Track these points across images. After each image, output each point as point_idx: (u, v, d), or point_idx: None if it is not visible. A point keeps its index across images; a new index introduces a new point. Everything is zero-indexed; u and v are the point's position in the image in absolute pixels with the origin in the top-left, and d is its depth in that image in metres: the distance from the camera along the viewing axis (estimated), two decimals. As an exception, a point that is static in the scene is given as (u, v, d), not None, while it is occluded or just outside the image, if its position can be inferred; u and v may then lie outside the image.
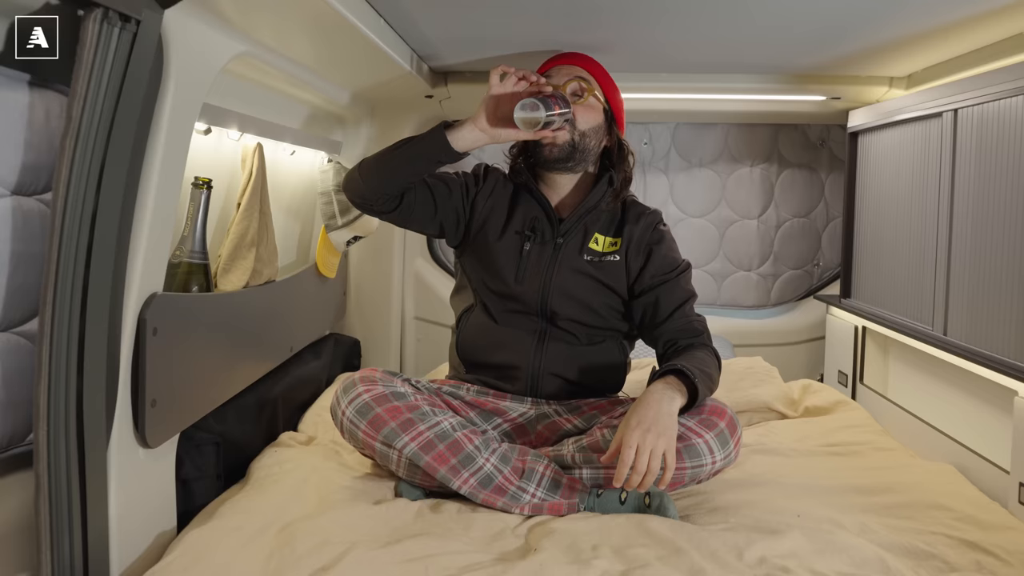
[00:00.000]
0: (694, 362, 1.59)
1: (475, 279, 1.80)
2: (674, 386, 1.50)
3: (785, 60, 2.13)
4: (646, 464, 1.38)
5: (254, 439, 1.78)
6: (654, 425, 1.41)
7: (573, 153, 1.71)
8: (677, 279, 1.74)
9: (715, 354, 1.69)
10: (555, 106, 1.56)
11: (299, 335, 2.14)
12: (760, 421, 2.19)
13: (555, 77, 1.73)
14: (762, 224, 2.89)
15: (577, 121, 1.69)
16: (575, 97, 1.71)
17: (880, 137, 2.29)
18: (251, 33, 1.48)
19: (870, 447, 1.93)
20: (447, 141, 1.58)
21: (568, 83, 1.70)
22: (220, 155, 1.72)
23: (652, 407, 1.44)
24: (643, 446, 1.38)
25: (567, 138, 1.69)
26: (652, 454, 1.38)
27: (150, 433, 1.30)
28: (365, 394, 1.55)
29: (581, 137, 1.71)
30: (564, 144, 1.69)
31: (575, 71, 1.74)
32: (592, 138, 1.73)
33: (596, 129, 1.73)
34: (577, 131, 1.70)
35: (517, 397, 1.75)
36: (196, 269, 1.53)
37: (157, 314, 1.29)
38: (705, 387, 1.55)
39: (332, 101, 2.18)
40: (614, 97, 1.78)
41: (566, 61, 1.76)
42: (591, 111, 1.72)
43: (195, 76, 1.31)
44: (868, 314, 2.30)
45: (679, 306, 1.71)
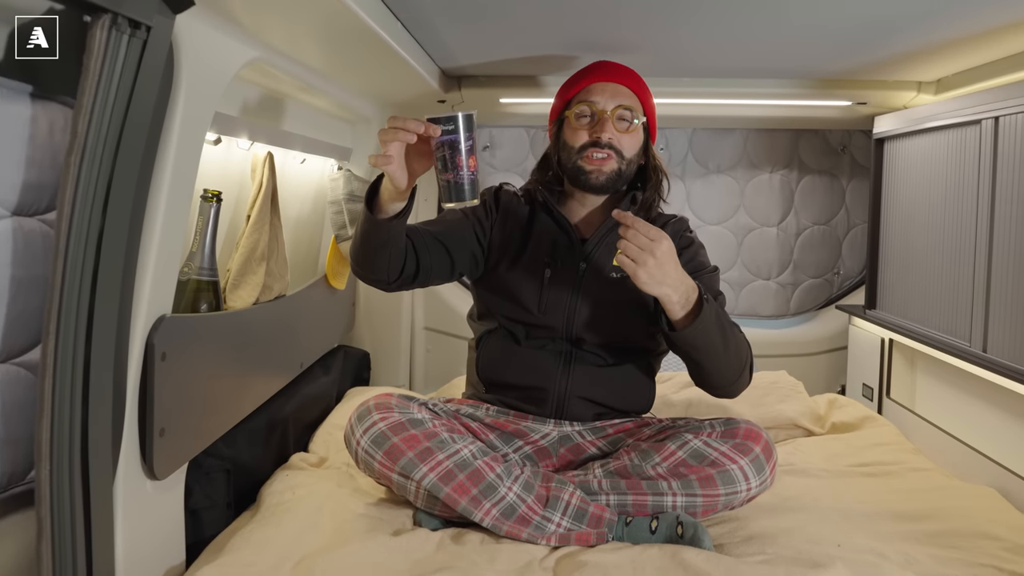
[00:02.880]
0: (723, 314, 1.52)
1: (494, 307, 1.71)
2: (694, 289, 1.44)
3: (813, 65, 2.06)
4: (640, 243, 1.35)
5: (264, 462, 1.70)
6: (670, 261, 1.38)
7: (619, 181, 1.64)
8: (704, 280, 1.65)
9: (749, 350, 1.57)
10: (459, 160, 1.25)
11: (309, 350, 2.06)
12: (786, 438, 2.12)
13: (597, 98, 1.62)
14: (782, 232, 2.81)
15: (624, 150, 1.62)
16: (623, 123, 1.62)
17: (909, 144, 2.22)
18: (263, 38, 1.40)
19: (904, 467, 1.86)
20: (376, 223, 1.39)
21: (615, 111, 1.61)
22: (229, 165, 1.64)
23: (678, 261, 1.41)
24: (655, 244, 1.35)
25: (615, 167, 1.62)
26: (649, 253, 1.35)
27: (158, 464, 1.22)
28: (381, 423, 1.47)
29: (628, 165, 1.64)
30: (611, 172, 1.62)
31: (620, 93, 1.63)
32: (635, 160, 1.66)
33: (639, 152, 1.67)
34: (624, 160, 1.63)
35: (539, 418, 1.67)
36: (205, 286, 1.45)
37: (166, 338, 1.22)
38: (712, 322, 1.44)
39: (342, 106, 2.10)
40: (649, 107, 1.70)
41: (609, 78, 1.65)
42: (635, 136, 1.64)
43: (207, 84, 1.24)
44: (896, 326, 2.22)
45: None
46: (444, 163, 1.26)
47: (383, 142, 1.27)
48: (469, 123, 1.26)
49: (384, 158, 1.27)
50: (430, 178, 2.80)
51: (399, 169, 1.29)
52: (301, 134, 1.88)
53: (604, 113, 1.60)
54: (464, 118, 1.25)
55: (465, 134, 1.25)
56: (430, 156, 1.29)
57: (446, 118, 1.24)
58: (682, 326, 1.43)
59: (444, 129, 1.25)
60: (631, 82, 1.65)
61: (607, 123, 1.60)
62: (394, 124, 1.26)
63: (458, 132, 1.25)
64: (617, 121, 1.61)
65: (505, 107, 2.43)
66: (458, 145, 1.25)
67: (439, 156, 1.26)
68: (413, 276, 1.56)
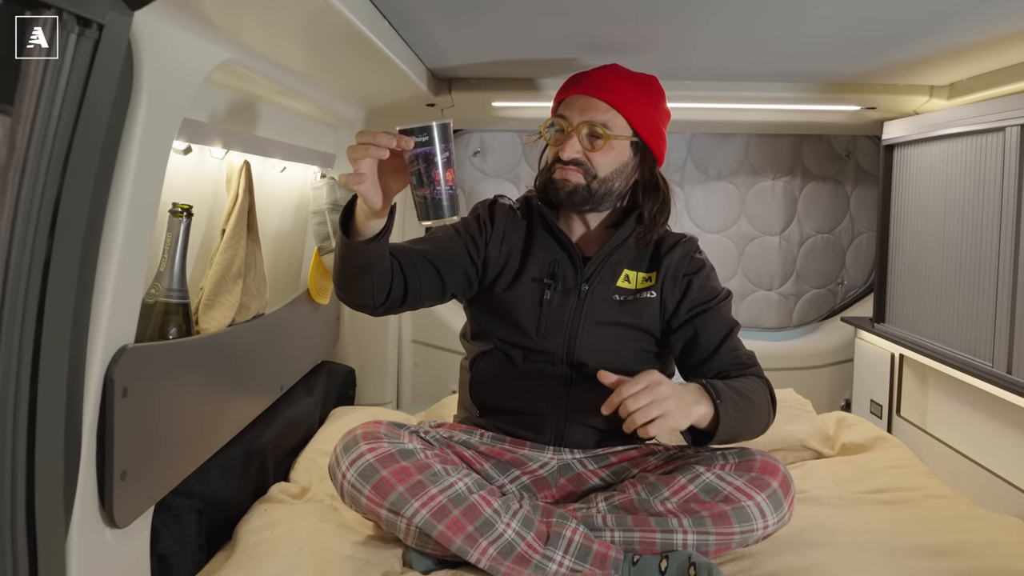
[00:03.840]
0: (733, 384, 1.41)
1: (489, 329, 1.59)
2: (703, 396, 1.34)
3: (821, 68, 1.96)
4: (642, 403, 1.23)
5: (241, 495, 1.58)
6: (674, 392, 1.27)
7: (589, 197, 1.51)
8: (716, 308, 1.55)
9: (767, 386, 1.50)
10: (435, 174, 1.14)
11: (290, 371, 1.94)
12: (795, 461, 2.01)
13: (567, 112, 1.50)
14: (784, 240, 2.71)
15: (595, 167, 1.49)
16: (594, 140, 1.49)
17: (921, 151, 2.12)
18: (238, 38, 1.28)
19: (921, 494, 1.76)
20: (354, 247, 1.28)
21: (581, 126, 1.48)
22: (202, 176, 1.52)
23: (681, 387, 1.32)
24: (650, 392, 1.24)
25: (580, 181, 1.49)
26: (653, 404, 1.23)
27: (119, 510, 1.10)
28: (369, 454, 1.35)
29: (600, 183, 1.50)
30: (578, 186, 1.50)
31: (591, 108, 1.49)
32: (615, 180, 1.52)
33: (619, 170, 1.52)
34: (596, 178, 1.50)
35: (537, 445, 1.56)
36: (174, 309, 1.33)
37: (127, 371, 1.09)
38: (733, 414, 1.35)
39: (325, 110, 1.98)
40: (649, 123, 1.53)
41: (583, 91, 1.51)
42: (610, 154, 1.50)
43: (173, 89, 1.11)
44: (907, 342, 2.13)
45: (723, 338, 1.53)
46: (419, 178, 1.14)
47: (353, 160, 1.16)
48: (445, 133, 1.14)
49: (355, 177, 1.15)
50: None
51: (372, 188, 1.18)
52: (280, 140, 1.76)
53: (570, 128, 1.49)
54: (439, 128, 1.14)
55: (441, 145, 1.14)
56: (405, 171, 1.17)
57: (419, 128, 1.13)
58: (709, 428, 1.36)
59: (417, 141, 1.13)
60: (612, 96, 1.49)
61: (571, 139, 1.48)
62: (363, 140, 1.14)
63: (433, 144, 1.13)
64: (585, 138, 1.49)
65: (497, 111, 2.32)
66: (433, 158, 1.13)
67: (413, 171, 1.15)
68: (401, 299, 1.45)
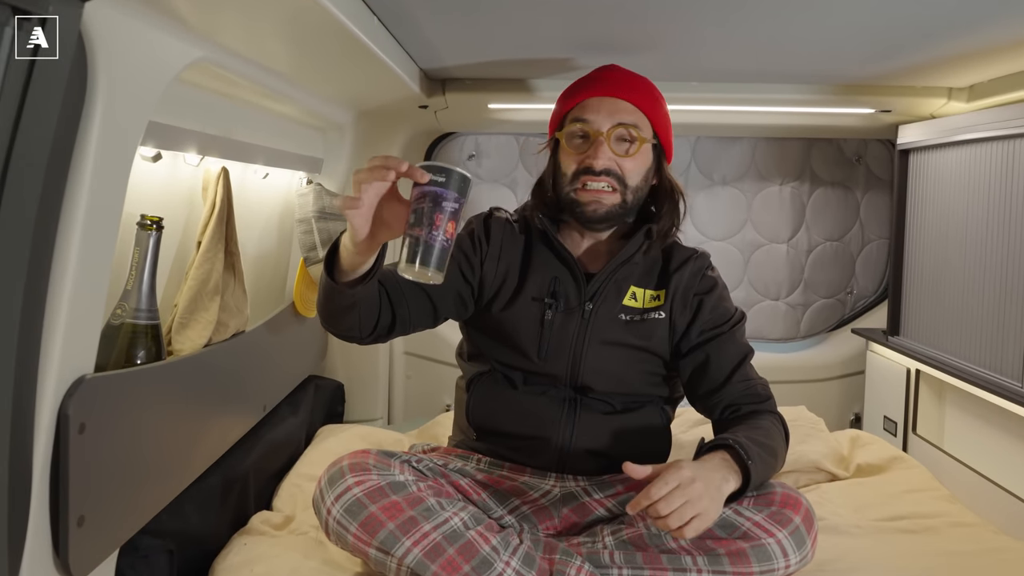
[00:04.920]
0: (756, 435, 1.32)
1: (487, 350, 1.49)
2: (728, 465, 1.25)
3: (836, 69, 1.86)
4: (676, 505, 1.12)
5: (219, 527, 1.46)
6: (706, 485, 1.16)
7: (624, 214, 1.42)
8: (730, 333, 1.45)
9: (782, 424, 1.41)
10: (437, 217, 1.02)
11: (274, 390, 1.82)
12: (808, 483, 1.90)
13: (592, 116, 1.39)
14: (792, 248, 2.61)
15: (626, 176, 1.39)
16: (625, 144, 1.39)
17: (940, 156, 2.02)
18: (212, 35, 1.17)
19: (945, 521, 1.65)
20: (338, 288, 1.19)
21: (612, 131, 1.37)
22: (175, 185, 1.40)
23: (707, 470, 1.20)
24: (683, 491, 1.13)
25: (616, 200, 1.39)
26: (688, 504, 1.13)
27: (76, 559, 0.98)
28: (356, 487, 1.24)
29: (633, 193, 1.41)
30: (612, 206, 1.40)
31: (619, 110, 1.39)
32: (643, 188, 1.43)
33: (646, 176, 1.44)
34: (628, 189, 1.40)
35: (538, 472, 1.45)
36: (142, 331, 1.21)
37: (85, 404, 0.98)
38: (763, 472, 1.28)
39: (311, 112, 1.87)
40: (664, 122, 1.45)
41: (607, 92, 1.41)
42: (640, 160, 1.41)
43: (136, 89, 1.00)
44: (925, 357, 2.03)
45: (736, 366, 1.43)
46: (419, 216, 1.02)
47: (357, 183, 1.05)
48: (463, 184, 1.04)
49: (352, 201, 1.04)
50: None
51: (365, 219, 1.07)
52: (262, 145, 1.64)
53: (599, 134, 1.37)
54: (459, 176, 1.04)
55: (454, 193, 1.03)
56: (406, 215, 1.05)
57: (439, 168, 1.03)
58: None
59: (433, 178, 1.03)
60: (636, 96, 1.41)
61: (602, 146, 1.37)
62: (375, 163, 1.04)
63: (448, 187, 1.02)
64: (615, 143, 1.38)
65: (494, 113, 2.21)
66: (442, 201, 1.02)
67: (416, 208, 1.03)
68: (389, 328, 1.36)
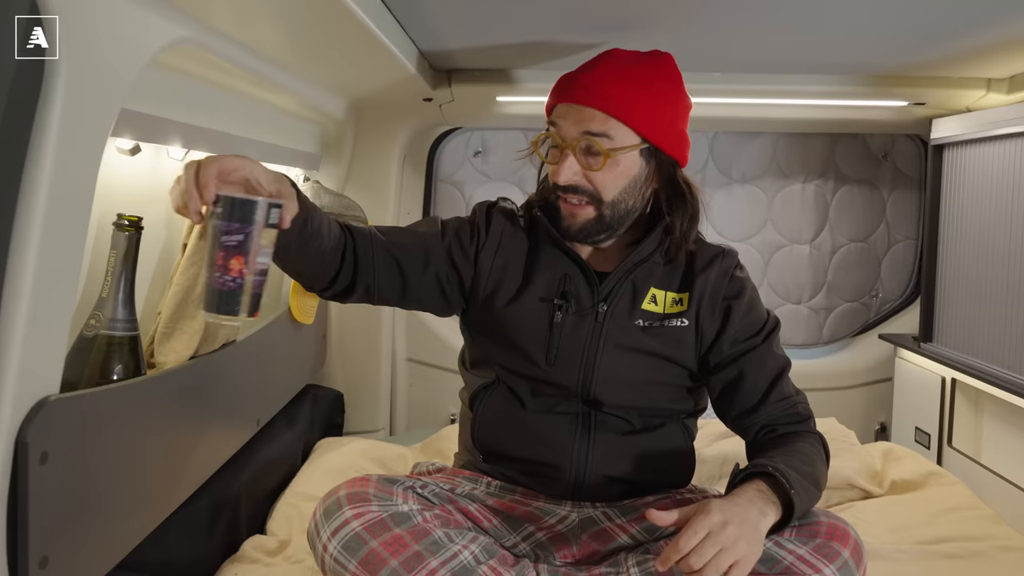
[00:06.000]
0: (796, 461, 1.18)
1: (490, 355, 1.36)
2: (766, 496, 1.11)
3: (868, 58, 1.75)
4: (708, 556, 1.00)
5: (209, 556, 1.35)
6: (740, 527, 1.03)
7: (604, 228, 1.27)
8: (766, 344, 1.32)
9: (824, 446, 1.28)
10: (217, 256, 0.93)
11: (268, 402, 1.69)
12: (841, 501, 1.79)
13: (561, 124, 1.24)
14: (815, 250, 2.49)
15: (600, 190, 1.24)
16: (593, 158, 1.23)
17: (978, 152, 1.91)
18: (196, 13, 1.05)
19: (992, 545, 1.54)
20: None
21: (579, 140, 1.22)
22: (157, 181, 1.28)
23: (741, 507, 1.07)
24: (715, 539, 1.01)
25: (591, 215, 1.25)
26: (723, 552, 1.00)
27: (38, 606, 0.86)
28: (355, 520, 1.11)
29: (613, 207, 1.25)
30: (587, 222, 1.26)
31: (585, 118, 1.22)
32: (628, 199, 1.27)
33: (630, 187, 1.26)
34: (605, 203, 1.25)
35: (553, 498, 1.33)
36: (119, 343, 1.09)
37: (48, 430, 0.86)
38: (806, 503, 1.15)
39: (307, 104, 1.75)
40: (660, 122, 1.25)
41: (574, 98, 1.23)
42: (614, 171, 1.24)
43: (104, 70, 0.88)
44: (962, 365, 1.91)
45: (773, 383, 1.30)
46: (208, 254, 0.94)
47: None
48: (245, 209, 0.92)
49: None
50: (411, 189, 2.46)
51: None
52: (255, 139, 1.52)
53: (566, 146, 1.23)
54: (234, 202, 0.92)
55: (235, 223, 0.92)
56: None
57: (220, 197, 0.93)
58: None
59: (213, 210, 0.93)
60: (608, 100, 1.21)
61: (567, 160, 1.22)
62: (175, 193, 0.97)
63: (226, 218, 0.92)
64: (584, 155, 1.23)
65: (502, 107, 2.09)
66: (220, 236, 0.92)
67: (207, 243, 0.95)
68: (347, 291, 1.26)
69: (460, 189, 2.49)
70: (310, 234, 1.12)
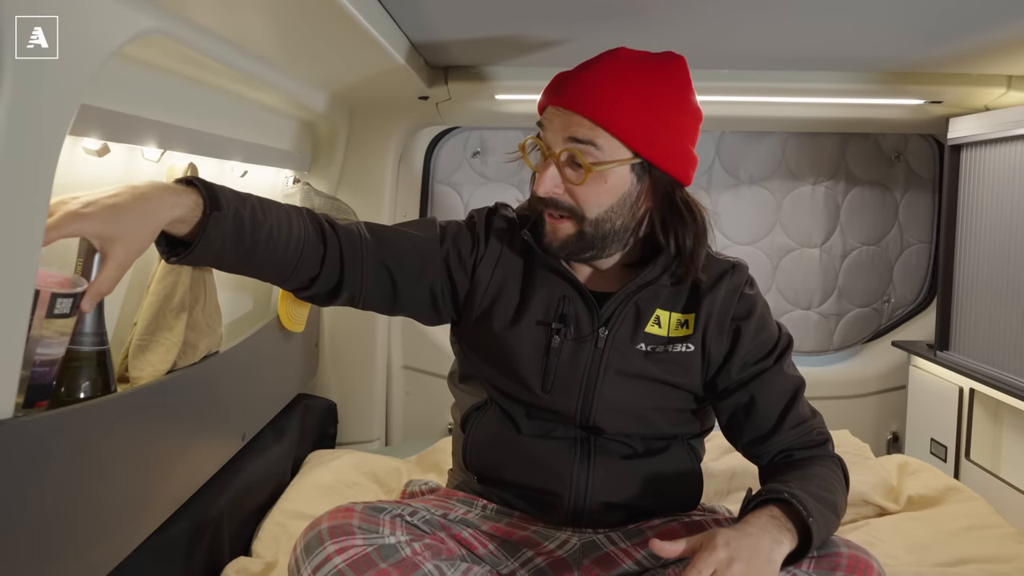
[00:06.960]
0: (812, 486, 1.10)
1: (482, 375, 1.27)
2: (780, 524, 1.03)
3: (883, 53, 1.69)
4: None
5: (187, 581, 1.27)
6: (748, 562, 0.96)
7: (585, 246, 1.16)
8: (778, 365, 1.23)
9: (842, 469, 1.20)
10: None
11: (255, 416, 1.62)
12: (855, 518, 1.71)
13: (547, 129, 1.14)
14: (825, 253, 2.41)
15: (583, 206, 1.13)
16: (576, 170, 1.12)
17: (997, 152, 1.84)
18: (167, 4, 0.97)
19: (1017, 567, 1.46)
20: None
21: (564, 150, 1.11)
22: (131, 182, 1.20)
23: (751, 537, 0.99)
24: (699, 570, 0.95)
25: (570, 232, 1.15)
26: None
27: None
28: (337, 556, 1.02)
29: (593, 225, 1.15)
30: (567, 239, 1.16)
31: (571, 125, 1.11)
32: (614, 218, 1.15)
33: (617, 206, 1.15)
34: (587, 220, 1.14)
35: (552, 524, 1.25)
36: (87, 359, 1.01)
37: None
38: (824, 532, 1.07)
39: (297, 103, 1.67)
40: (656, 136, 1.12)
41: (561, 101, 1.13)
42: (598, 187, 1.12)
43: (61, 65, 0.80)
44: (981, 375, 1.83)
45: (787, 407, 1.21)
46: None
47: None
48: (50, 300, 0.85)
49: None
50: (406, 192, 2.38)
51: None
52: (238, 138, 1.44)
53: (550, 154, 1.13)
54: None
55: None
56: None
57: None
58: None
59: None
60: (598, 107, 1.10)
61: (548, 169, 1.12)
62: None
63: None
64: (565, 167, 1.13)
65: (501, 105, 2.02)
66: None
67: None
68: (329, 295, 1.18)
69: (458, 191, 2.41)
70: (250, 246, 1.03)
